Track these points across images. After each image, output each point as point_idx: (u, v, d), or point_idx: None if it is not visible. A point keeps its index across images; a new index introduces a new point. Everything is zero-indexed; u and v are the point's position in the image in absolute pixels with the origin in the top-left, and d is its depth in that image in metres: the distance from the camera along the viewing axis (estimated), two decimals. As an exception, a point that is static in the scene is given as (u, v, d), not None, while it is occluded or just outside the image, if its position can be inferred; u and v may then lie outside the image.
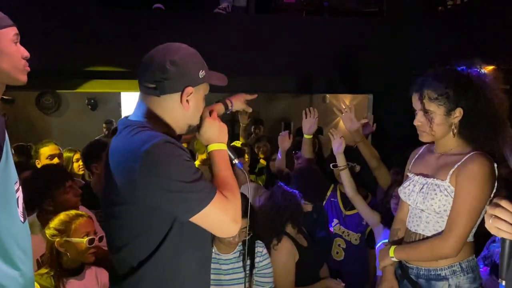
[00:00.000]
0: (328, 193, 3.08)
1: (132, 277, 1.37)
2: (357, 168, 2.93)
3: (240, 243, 2.28)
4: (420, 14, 4.82)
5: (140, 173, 1.24)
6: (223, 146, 1.46)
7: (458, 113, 1.76)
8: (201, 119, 1.47)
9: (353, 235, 2.88)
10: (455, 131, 1.79)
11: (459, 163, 1.76)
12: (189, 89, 1.38)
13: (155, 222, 1.33)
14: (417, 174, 1.91)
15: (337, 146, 2.70)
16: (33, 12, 4.31)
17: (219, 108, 1.98)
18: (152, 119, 1.39)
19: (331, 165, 2.94)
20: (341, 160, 2.67)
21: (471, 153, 1.76)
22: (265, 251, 2.33)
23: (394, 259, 1.92)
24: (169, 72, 1.35)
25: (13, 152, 1.43)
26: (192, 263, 1.43)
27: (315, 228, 2.89)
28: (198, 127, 1.48)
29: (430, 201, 1.79)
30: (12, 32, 1.31)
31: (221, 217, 1.29)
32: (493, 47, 3.72)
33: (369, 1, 5.55)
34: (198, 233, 1.37)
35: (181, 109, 1.39)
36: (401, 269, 1.97)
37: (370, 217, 2.65)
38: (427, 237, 1.84)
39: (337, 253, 2.94)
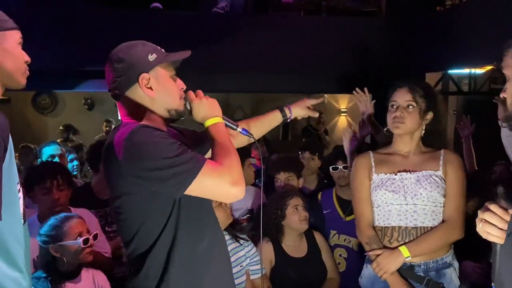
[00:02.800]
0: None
1: (140, 272, 1.38)
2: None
3: (227, 239, 2.28)
4: (419, 14, 4.81)
5: (124, 161, 1.27)
6: (218, 120, 1.44)
7: (429, 116, 1.99)
8: (189, 103, 1.46)
9: (354, 241, 2.75)
10: (423, 132, 2.02)
11: (442, 155, 1.99)
12: (144, 76, 1.38)
13: (153, 211, 1.34)
14: (394, 173, 1.98)
15: (352, 146, 2.60)
16: (29, 11, 4.28)
17: (276, 115, 1.89)
18: (134, 116, 1.42)
19: (330, 167, 2.86)
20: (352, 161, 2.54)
21: (443, 149, 2.04)
22: (248, 242, 2.36)
23: (410, 258, 1.90)
24: (118, 69, 1.39)
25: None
26: (200, 250, 1.41)
27: None
28: (190, 112, 1.47)
29: (433, 191, 1.91)
30: (18, 35, 1.34)
31: (217, 182, 1.27)
32: (491, 46, 3.71)
33: (368, 0, 5.54)
34: (196, 221, 1.37)
35: (148, 97, 1.40)
36: (401, 272, 1.94)
37: None
38: (431, 228, 1.92)
39: (339, 263, 2.82)
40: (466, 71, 6.37)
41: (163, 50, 1.44)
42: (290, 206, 2.45)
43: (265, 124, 1.92)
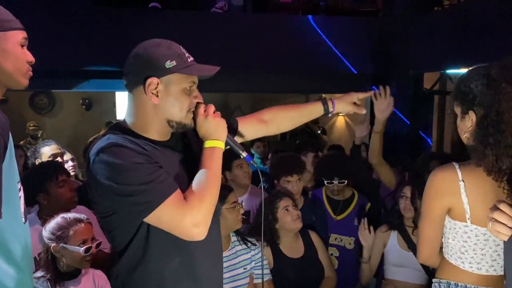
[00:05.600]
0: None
1: (116, 280, 1.39)
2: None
3: (234, 240, 2.30)
4: (417, 13, 4.82)
5: (90, 177, 1.26)
6: (217, 144, 1.35)
7: (471, 119, 1.45)
8: (196, 116, 1.38)
9: (346, 240, 2.78)
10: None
11: None
12: (152, 80, 1.30)
13: (119, 225, 1.31)
14: None
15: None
16: (26, 10, 4.26)
17: (318, 107, 1.76)
18: (133, 117, 1.38)
19: (325, 182, 2.85)
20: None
21: None
22: (256, 246, 2.34)
23: None
24: (131, 65, 1.35)
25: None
26: (168, 269, 1.35)
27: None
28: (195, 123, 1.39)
29: None
30: (21, 35, 1.35)
31: (176, 220, 1.22)
32: (490, 46, 3.72)
33: (366, 0, 5.55)
34: (172, 238, 1.29)
35: (151, 103, 1.33)
36: None
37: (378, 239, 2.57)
38: None
39: None
40: (464, 71, 6.36)
41: (189, 59, 1.35)
42: (280, 208, 2.45)
43: (305, 114, 1.81)
